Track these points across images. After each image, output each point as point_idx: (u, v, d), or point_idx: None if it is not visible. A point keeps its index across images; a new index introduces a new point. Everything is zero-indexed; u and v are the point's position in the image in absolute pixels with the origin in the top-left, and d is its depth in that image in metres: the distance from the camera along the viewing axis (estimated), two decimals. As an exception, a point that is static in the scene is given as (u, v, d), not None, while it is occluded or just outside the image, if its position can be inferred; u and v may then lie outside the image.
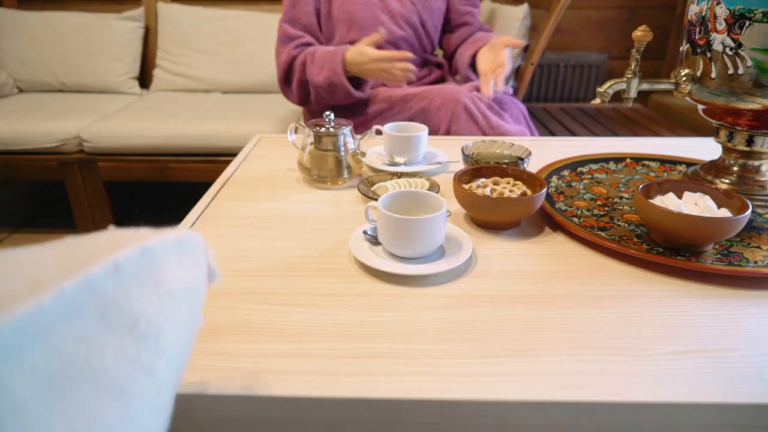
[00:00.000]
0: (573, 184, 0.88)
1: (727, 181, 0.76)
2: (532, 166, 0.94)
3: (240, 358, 0.48)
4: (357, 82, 1.24)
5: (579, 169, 0.94)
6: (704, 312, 0.56)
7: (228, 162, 0.99)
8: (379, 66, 1.15)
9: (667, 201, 0.68)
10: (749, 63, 0.64)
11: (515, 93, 1.60)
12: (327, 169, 0.87)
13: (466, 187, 0.76)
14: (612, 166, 0.96)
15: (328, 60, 1.19)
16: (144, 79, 2.28)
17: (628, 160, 0.98)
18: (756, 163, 0.74)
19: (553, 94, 2.39)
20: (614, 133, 1.88)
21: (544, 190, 0.72)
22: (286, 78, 1.30)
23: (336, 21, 1.29)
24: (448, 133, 1.16)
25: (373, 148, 1.01)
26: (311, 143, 0.87)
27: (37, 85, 2.17)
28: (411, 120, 1.20)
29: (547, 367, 0.47)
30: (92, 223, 1.86)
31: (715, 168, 0.78)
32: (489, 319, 0.54)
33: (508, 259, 0.66)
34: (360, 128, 1.28)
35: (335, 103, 1.27)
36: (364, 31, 1.28)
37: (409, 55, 1.15)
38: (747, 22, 0.63)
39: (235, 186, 0.88)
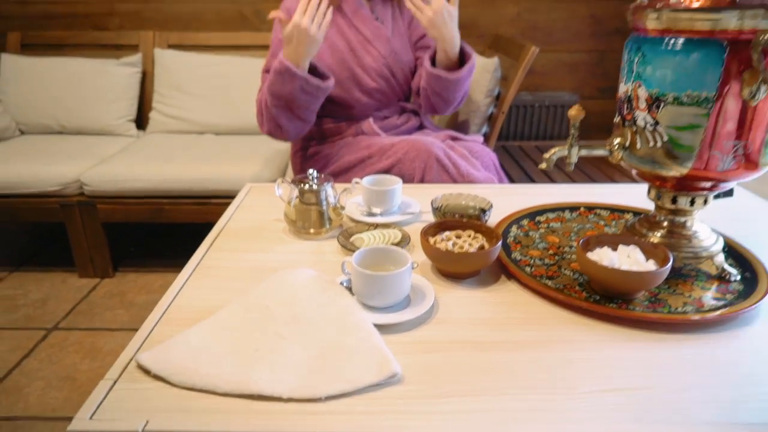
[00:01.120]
0: (530, 233, 0.98)
1: (659, 234, 0.86)
2: (497, 213, 1.04)
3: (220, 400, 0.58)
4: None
5: (537, 218, 1.05)
6: (628, 354, 0.66)
7: (219, 204, 1.09)
8: (298, 31, 1.17)
9: (603, 255, 0.79)
10: (665, 138, 0.76)
11: (487, 139, 1.72)
12: (311, 221, 0.97)
13: (431, 240, 0.86)
14: (567, 214, 1.07)
15: (279, 68, 1.24)
16: (141, 121, 2.39)
17: (581, 209, 1.09)
18: (682, 219, 0.85)
19: (528, 132, 2.53)
20: (584, 172, 2.00)
21: (499, 244, 0.83)
22: (260, 114, 1.36)
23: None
24: (422, 181, 1.27)
25: (353, 199, 1.12)
26: (296, 197, 0.98)
27: (38, 128, 2.27)
28: (389, 168, 1.31)
29: (489, 406, 0.57)
30: (90, 263, 1.95)
31: (649, 222, 0.89)
32: (444, 363, 0.64)
33: (466, 307, 0.76)
34: (342, 175, 1.38)
35: (294, 100, 1.26)
36: (341, 84, 1.39)
37: None
38: (662, 104, 0.75)
39: (228, 236, 0.98)
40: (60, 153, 2.01)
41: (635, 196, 1.15)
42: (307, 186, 0.97)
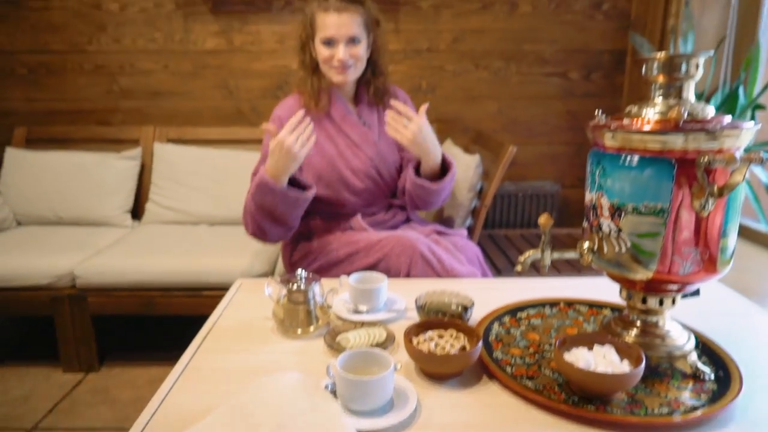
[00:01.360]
0: (511, 330, 1.01)
1: (633, 333, 0.90)
2: (481, 308, 1.07)
3: None
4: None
5: (518, 314, 1.08)
6: (604, 459, 0.67)
7: (210, 296, 1.12)
8: (281, 148, 1.24)
9: (579, 355, 0.82)
10: (629, 244, 0.81)
11: (471, 232, 1.79)
12: (298, 320, 1.00)
13: (414, 341, 0.89)
14: (547, 310, 1.11)
15: (257, 182, 1.30)
16: (137, 212, 2.45)
17: (561, 305, 1.13)
18: (654, 318, 0.89)
19: (513, 221, 2.61)
20: (567, 261, 2.06)
21: (479, 345, 0.86)
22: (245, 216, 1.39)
23: (305, 176, 1.45)
24: (408, 275, 1.31)
25: (340, 296, 1.15)
26: (284, 296, 1.01)
27: (35, 219, 2.33)
28: (376, 263, 1.35)
29: None
30: (76, 356, 1.93)
31: (623, 321, 0.93)
32: (424, 471, 0.65)
33: (447, 411, 0.77)
34: (330, 269, 1.42)
35: (275, 210, 1.31)
36: (331, 186, 1.46)
37: (300, 114, 1.25)
38: (623, 213, 0.81)
39: (218, 335, 1.00)
40: (54, 245, 2.05)
41: (614, 290, 1.19)
42: (295, 286, 1.01)
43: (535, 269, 1.91)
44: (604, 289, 1.19)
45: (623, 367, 0.80)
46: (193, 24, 2.54)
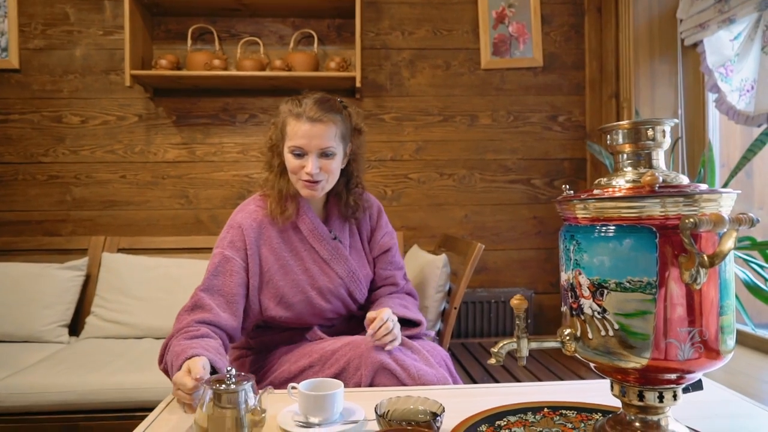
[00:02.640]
0: (490, 442, 0.85)
1: (632, 437, 0.76)
2: (453, 417, 0.92)
3: None
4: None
5: (497, 422, 0.93)
6: None
7: (143, 418, 0.93)
8: (176, 390, 0.96)
9: (573, 467, 0.67)
10: (616, 326, 0.70)
11: (440, 335, 1.65)
12: (224, 429, 0.82)
13: (373, 457, 0.73)
14: (530, 417, 0.95)
15: (173, 356, 1.06)
16: (76, 326, 2.23)
17: (545, 410, 0.98)
18: (654, 417, 0.76)
19: (487, 329, 2.48)
20: (549, 369, 1.91)
21: (452, 458, 0.70)
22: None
23: (264, 296, 1.29)
24: (371, 385, 1.15)
25: (289, 407, 0.98)
26: (210, 399, 0.84)
27: (-44, 337, 2.08)
28: (339, 373, 1.19)
29: None
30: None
31: (620, 423, 0.79)
32: None
33: None
34: (281, 387, 1.23)
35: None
36: (292, 307, 1.29)
37: (202, 378, 0.92)
38: (605, 291, 0.71)
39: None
40: (-30, 364, 1.80)
41: (605, 392, 1.06)
42: (222, 386, 0.84)
43: (523, 367, 1.75)
44: (591, 393, 1.06)
45: (628, 480, 0.65)
46: (155, 136, 2.53)
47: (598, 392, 1.05)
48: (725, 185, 1.85)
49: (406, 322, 1.36)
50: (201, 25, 2.48)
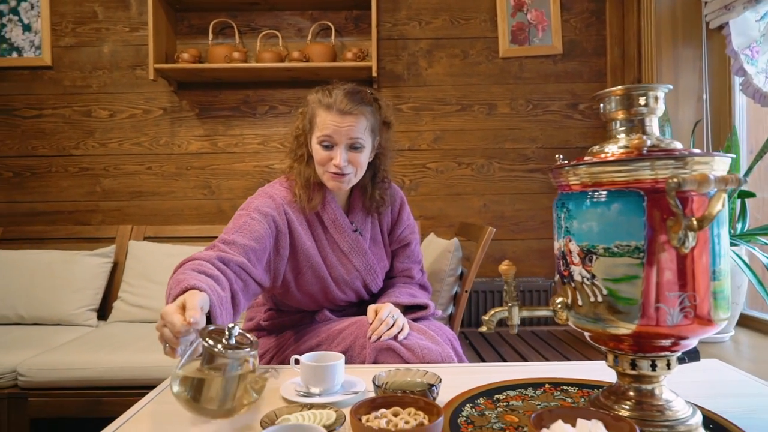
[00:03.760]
0: (486, 412, 0.86)
1: (626, 406, 0.75)
2: (453, 392, 0.92)
3: None
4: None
5: (496, 396, 0.93)
6: None
7: None
8: (161, 326, 0.81)
9: (559, 430, 0.67)
10: (604, 291, 0.70)
11: (451, 319, 1.65)
12: (208, 397, 0.75)
13: (364, 419, 0.74)
14: (530, 392, 0.95)
15: (173, 284, 0.99)
16: (104, 311, 2.32)
17: (546, 386, 0.98)
18: (649, 386, 0.75)
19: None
20: (564, 357, 1.89)
21: (440, 420, 0.71)
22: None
23: (286, 268, 1.27)
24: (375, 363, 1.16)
25: (293, 379, 1.00)
26: (200, 356, 0.76)
27: (-5, 319, 2.19)
28: (345, 351, 1.21)
29: None
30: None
31: (615, 394, 0.78)
32: None
33: (395, 502, 0.61)
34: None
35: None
36: (310, 296, 1.31)
37: (196, 323, 0.79)
38: (594, 256, 0.71)
39: (137, 424, 0.85)
40: (3, 343, 1.90)
41: (611, 372, 1.05)
42: (219, 346, 0.74)
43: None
44: (599, 372, 1.04)
45: (613, 442, 0.65)
46: (179, 128, 2.61)
47: (607, 372, 1.04)
48: (749, 170, 1.79)
49: (414, 308, 1.37)
50: (222, 19, 2.54)
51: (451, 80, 2.61)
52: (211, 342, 0.75)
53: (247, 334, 0.82)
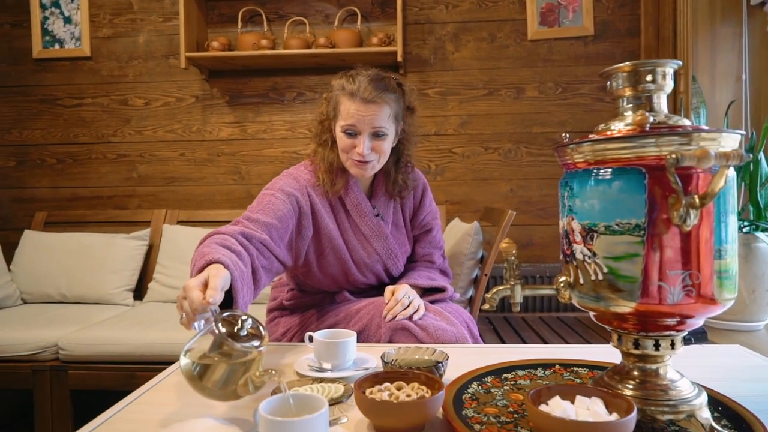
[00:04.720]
0: (492, 390, 0.87)
1: (629, 386, 0.75)
2: (461, 372, 0.93)
3: None
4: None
5: (504, 375, 0.94)
6: None
7: None
8: (182, 298, 0.84)
9: (557, 406, 0.68)
10: (605, 269, 0.70)
11: (471, 302, 1.66)
12: (211, 378, 0.76)
13: (368, 392, 0.77)
14: (539, 372, 0.96)
15: (198, 256, 0.98)
16: (140, 291, 2.43)
17: (557, 366, 0.98)
18: (653, 366, 0.75)
19: (533, 304, 2.45)
20: (586, 341, 1.87)
21: (441, 393, 0.73)
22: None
23: (309, 249, 1.29)
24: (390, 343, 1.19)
25: (306, 356, 1.04)
26: (210, 335, 0.76)
27: (40, 297, 2.33)
28: (361, 331, 1.24)
29: None
30: (50, 435, 1.81)
31: (619, 373, 0.78)
32: None
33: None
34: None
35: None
36: (332, 277, 1.34)
37: (215, 304, 0.81)
38: (595, 234, 0.71)
39: (160, 392, 0.90)
40: (46, 320, 2.02)
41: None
42: (229, 338, 0.74)
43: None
44: (613, 354, 1.03)
45: (612, 418, 0.65)
46: (210, 116, 2.68)
47: (617, 354, 1.04)
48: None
49: (432, 290, 1.39)
50: (251, 7, 2.58)
51: (478, 64, 2.59)
52: (223, 330, 0.76)
53: (261, 327, 0.81)
